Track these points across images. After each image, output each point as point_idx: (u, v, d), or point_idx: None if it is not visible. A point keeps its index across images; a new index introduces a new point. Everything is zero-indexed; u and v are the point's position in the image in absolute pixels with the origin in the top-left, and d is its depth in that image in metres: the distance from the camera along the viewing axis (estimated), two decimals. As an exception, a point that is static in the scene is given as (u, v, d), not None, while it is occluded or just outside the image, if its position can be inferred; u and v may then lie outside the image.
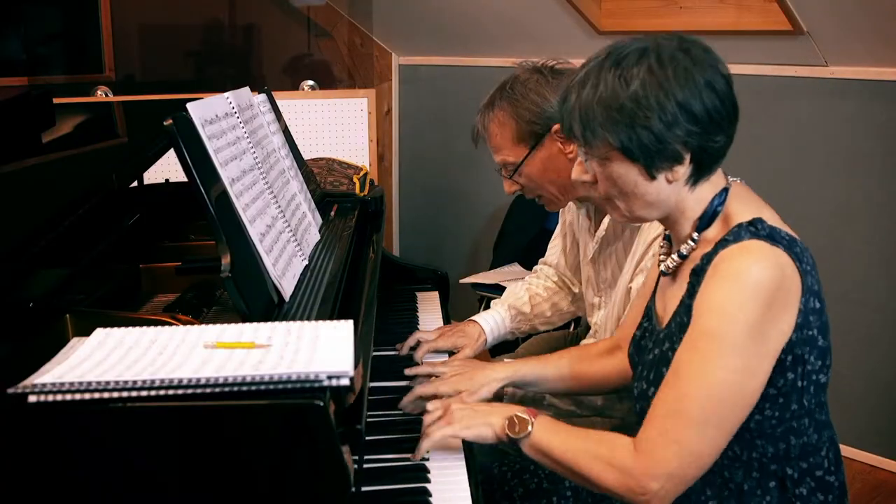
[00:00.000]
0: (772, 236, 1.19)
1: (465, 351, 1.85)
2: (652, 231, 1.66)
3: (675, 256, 1.31)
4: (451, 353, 1.84)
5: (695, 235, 1.27)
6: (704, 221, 1.26)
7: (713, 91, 1.20)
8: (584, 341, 1.92)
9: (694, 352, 1.17)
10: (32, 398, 0.98)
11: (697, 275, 1.22)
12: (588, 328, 1.98)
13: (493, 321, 1.96)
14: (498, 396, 1.59)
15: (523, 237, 3.45)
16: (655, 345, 1.33)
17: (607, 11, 3.24)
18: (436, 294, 2.19)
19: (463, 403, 1.39)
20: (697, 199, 1.26)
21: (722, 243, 1.21)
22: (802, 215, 2.87)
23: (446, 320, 2.02)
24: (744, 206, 1.26)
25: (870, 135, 2.78)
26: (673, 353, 1.25)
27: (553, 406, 1.75)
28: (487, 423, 1.31)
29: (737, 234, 1.20)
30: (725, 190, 1.28)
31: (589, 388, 1.62)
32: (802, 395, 1.23)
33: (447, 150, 4.09)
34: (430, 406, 1.40)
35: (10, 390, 0.98)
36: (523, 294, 2.03)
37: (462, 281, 3.30)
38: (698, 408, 1.16)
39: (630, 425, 1.73)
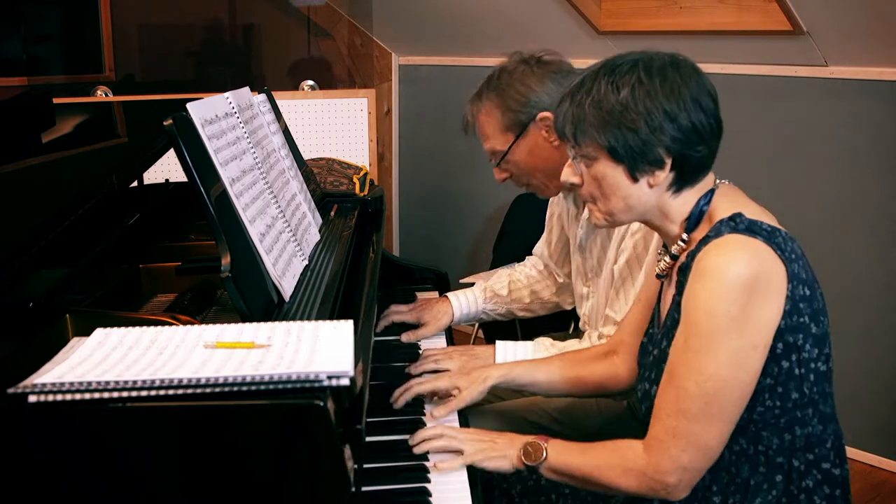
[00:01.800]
0: (750, 228, 1.23)
1: (427, 328, 1.94)
2: None
3: (666, 259, 1.37)
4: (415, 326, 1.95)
5: (684, 236, 1.32)
6: (692, 222, 1.31)
7: (699, 107, 1.26)
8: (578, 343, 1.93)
9: (685, 350, 1.22)
10: (32, 398, 0.98)
11: (684, 273, 1.27)
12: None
13: (463, 298, 2.04)
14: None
15: (523, 237, 3.44)
16: (654, 345, 1.38)
17: (607, 11, 3.24)
18: (436, 294, 2.20)
19: (473, 434, 1.43)
20: (682, 202, 1.32)
21: (704, 240, 1.25)
22: (801, 215, 2.87)
23: (412, 323, 2.03)
24: (727, 203, 1.30)
25: (869, 135, 2.78)
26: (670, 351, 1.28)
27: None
28: (504, 456, 1.38)
29: (717, 229, 1.25)
30: (712, 191, 1.32)
31: (581, 392, 1.64)
32: (802, 383, 1.25)
33: (447, 150, 4.09)
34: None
35: (10, 390, 0.98)
36: (504, 278, 2.11)
37: (462, 281, 3.29)
38: (698, 403, 1.21)
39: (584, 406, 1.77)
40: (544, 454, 1.34)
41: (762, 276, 1.19)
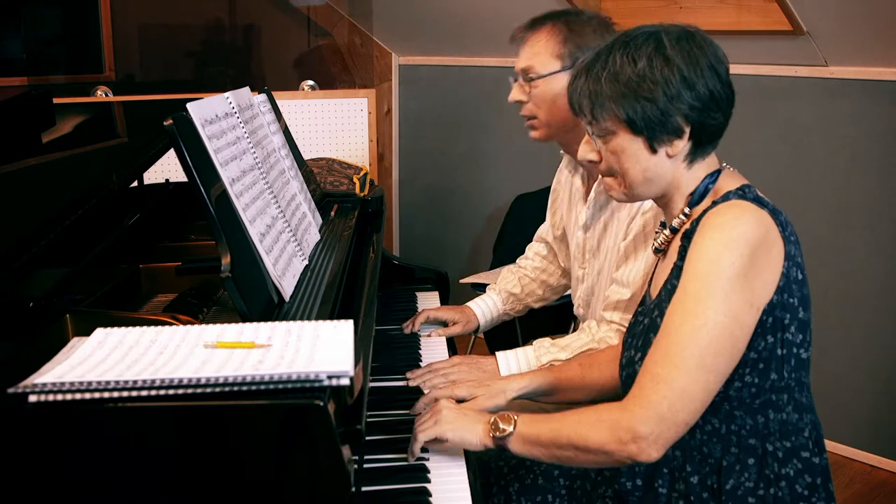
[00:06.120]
0: (758, 200, 1.26)
1: (455, 328, 2.00)
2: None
3: (666, 232, 1.38)
4: (445, 325, 2.01)
5: (686, 210, 1.34)
6: (696, 197, 1.33)
7: (715, 74, 1.28)
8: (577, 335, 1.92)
9: (684, 296, 1.22)
10: (32, 398, 0.98)
11: (688, 237, 1.28)
12: None
13: (484, 305, 2.08)
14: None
15: (523, 237, 3.44)
16: (645, 315, 1.38)
17: (607, 11, 3.23)
18: (436, 294, 2.20)
19: (453, 405, 1.41)
20: (692, 177, 1.33)
21: (711, 206, 1.27)
22: (802, 215, 2.87)
23: (444, 322, 2.04)
24: (733, 182, 1.32)
25: (869, 135, 2.78)
26: (661, 320, 1.28)
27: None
28: (472, 430, 1.34)
29: (726, 197, 1.28)
30: (718, 171, 1.34)
31: (600, 395, 1.61)
32: (782, 364, 1.27)
33: (447, 150, 4.09)
34: (419, 409, 1.44)
35: (10, 390, 0.98)
36: (513, 278, 2.14)
37: (462, 281, 3.30)
38: (689, 350, 1.19)
39: None
40: (511, 426, 1.29)
41: (765, 241, 1.22)
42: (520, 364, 1.77)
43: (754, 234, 1.21)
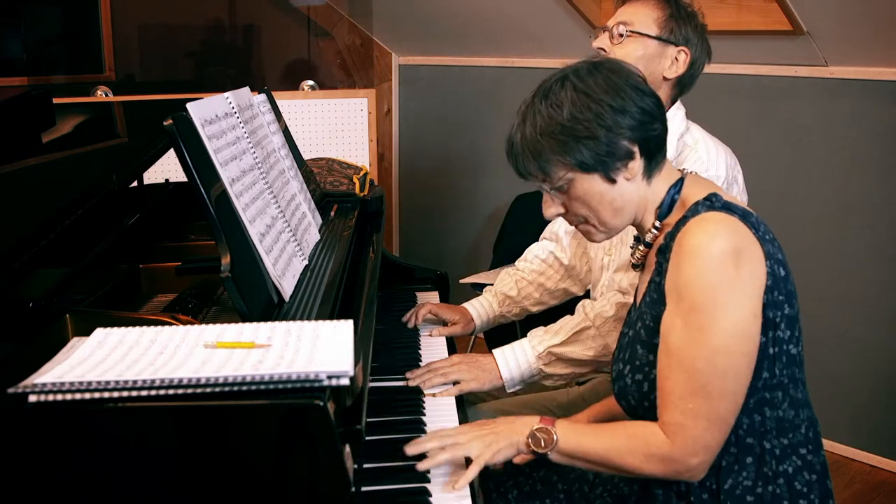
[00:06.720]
0: (727, 207, 1.27)
1: (456, 328, 2.00)
2: None
3: (641, 248, 1.39)
4: (444, 323, 2.01)
5: (656, 224, 1.35)
6: (664, 210, 1.34)
7: (638, 90, 1.30)
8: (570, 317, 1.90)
9: (688, 329, 1.23)
10: (32, 398, 0.98)
11: (664, 253, 1.29)
12: None
13: (479, 306, 2.08)
14: None
15: (523, 237, 3.44)
16: (629, 327, 1.39)
17: (607, 11, 3.23)
18: (436, 294, 2.20)
19: (473, 430, 1.38)
20: (655, 191, 1.35)
21: (682, 221, 1.28)
22: (802, 215, 2.87)
23: (444, 321, 2.04)
24: (699, 189, 1.34)
25: (870, 135, 2.78)
26: (645, 331, 1.31)
27: (554, 375, 1.80)
28: (511, 444, 1.34)
29: (694, 210, 1.29)
30: (681, 180, 1.36)
31: None
32: (774, 362, 1.28)
33: (447, 150, 4.09)
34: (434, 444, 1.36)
35: (10, 390, 0.98)
36: (510, 280, 2.13)
37: (462, 281, 3.30)
38: (713, 378, 1.22)
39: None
40: (555, 439, 1.31)
41: (743, 248, 1.23)
42: (518, 361, 1.79)
43: (731, 246, 1.22)
